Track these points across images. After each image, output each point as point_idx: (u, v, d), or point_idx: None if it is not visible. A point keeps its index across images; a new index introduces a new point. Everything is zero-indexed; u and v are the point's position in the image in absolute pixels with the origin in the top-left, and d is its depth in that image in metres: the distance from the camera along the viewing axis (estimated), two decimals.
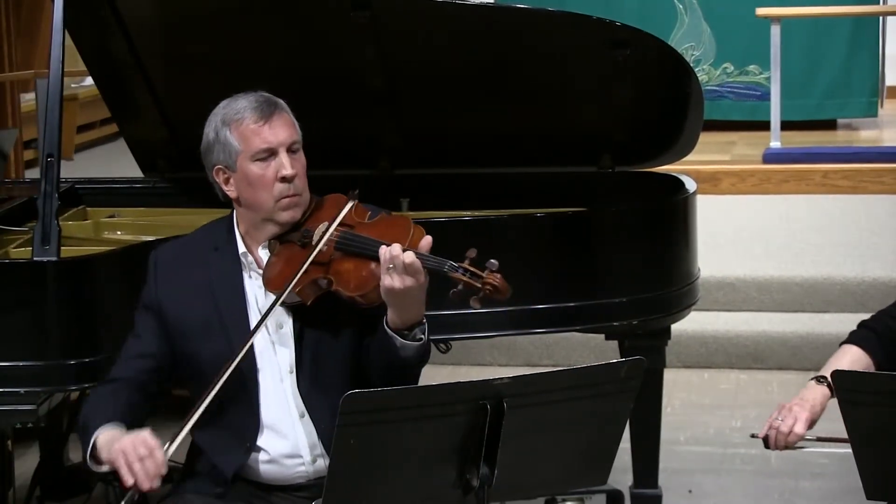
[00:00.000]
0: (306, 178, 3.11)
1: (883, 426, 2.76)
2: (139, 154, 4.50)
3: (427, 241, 2.95)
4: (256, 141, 3.05)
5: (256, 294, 3.10)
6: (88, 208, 4.39)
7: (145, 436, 2.83)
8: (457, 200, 4.34)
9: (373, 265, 2.96)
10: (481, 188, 4.44)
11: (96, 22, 4.08)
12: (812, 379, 3.19)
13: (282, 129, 3.07)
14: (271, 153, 3.05)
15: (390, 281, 2.88)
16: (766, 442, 3.12)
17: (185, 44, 4.23)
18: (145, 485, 2.78)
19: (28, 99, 8.54)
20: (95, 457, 2.90)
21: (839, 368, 2.97)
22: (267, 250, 3.11)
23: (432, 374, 3.03)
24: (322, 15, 4.10)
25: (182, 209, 4.31)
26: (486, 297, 2.90)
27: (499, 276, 2.89)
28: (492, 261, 2.90)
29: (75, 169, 7.88)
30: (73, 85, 9.10)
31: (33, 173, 7.60)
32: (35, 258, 3.52)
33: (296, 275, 2.98)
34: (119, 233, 4.25)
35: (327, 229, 3.03)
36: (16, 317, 3.46)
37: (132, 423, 2.94)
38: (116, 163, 7.07)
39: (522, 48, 4.13)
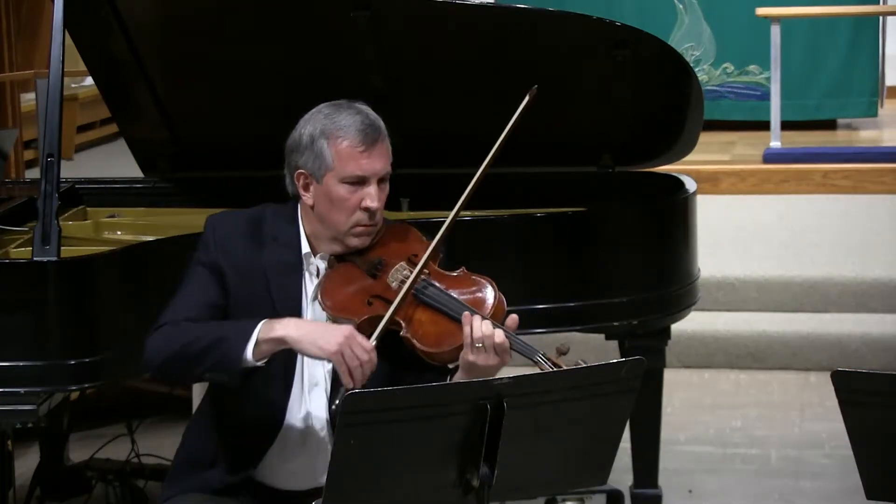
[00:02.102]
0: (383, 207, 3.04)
1: (883, 426, 2.75)
2: (139, 154, 4.50)
3: (514, 320, 2.90)
4: (352, 166, 2.97)
5: (307, 299, 3.04)
6: (88, 208, 4.39)
7: (362, 340, 2.84)
8: (457, 200, 4.33)
9: (453, 326, 2.89)
10: (481, 188, 4.42)
11: (96, 22, 4.08)
12: None
13: (379, 160, 3.00)
14: (362, 181, 2.98)
15: (475, 357, 2.84)
16: None
17: (184, 44, 4.23)
18: (360, 386, 2.82)
19: (28, 99, 8.54)
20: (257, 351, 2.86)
21: None
22: (325, 263, 3.04)
23: None
24: (322, 15, 4.10)
25: (182, 209, 4.31)
26: None
27: None
28: (580, 361, 2.86)
29: (75, 169, 7.88)
30: (73, 85, 9.09)
31: (33, 173, 7.61)
32: (35, 258, 3.51)
33: (370, 315, 2.91)
34: (119, 233, 4.25)
35: (412, 280, 2.93)
36: (16, 317, 3.46)
37: None
38: (116, 163, 7.06)
39: (522, 48, 4.13)
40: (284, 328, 2.86)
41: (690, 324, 5.02)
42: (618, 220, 4.07)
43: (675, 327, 4.22)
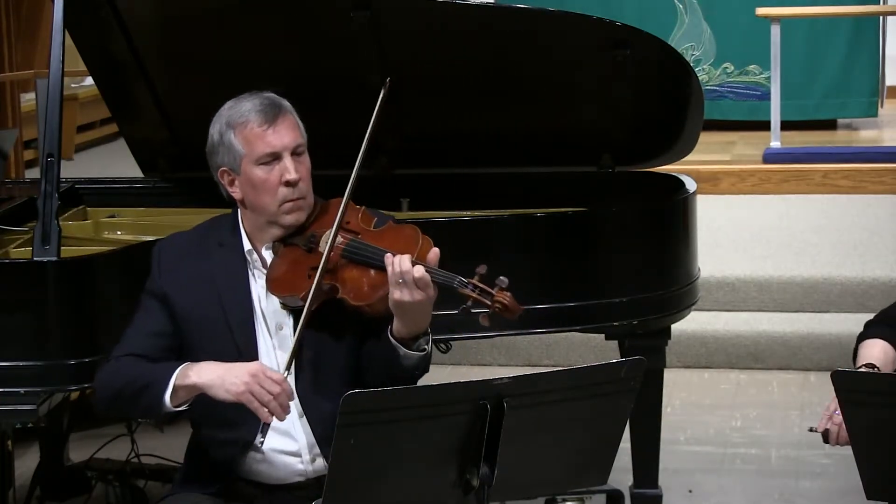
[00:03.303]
0: (310, 181, 3.10)
1: (883, 426, 2.76)
2: (139, 154, 4.50)
3: (435, 253, 2.95)
4: (260, 145, 3.04)
5: (259, 294, 3.10)
6: (88, 208, 4.39)
7: (271, 374, 2.87)
8: (457, 200, 4.34)
9: (380, 275, 2.94)
10: (481, 188, 4.43)
11: (96, 22, 4.08)
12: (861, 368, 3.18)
13: (286, 133, 3.06)
14: (275, 157, 3.05)
15: (399, 294, 2.88)
16: (826, 437, 3.09)
17: (185, 44, 4.23)
18: (283, 418, 2.87)
19: (28, 99, 8.54)
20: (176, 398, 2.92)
21: (868, 360, 2.99)
22: (271, 251, 3.10)
23: (432, 374, 3.04)
24: (322, 15, 4.10)
25: (182, 209, 4.31)
26: (496, 315, 2.89)
27: (509, 294, 2.88)
28: (501, 278, 2.88)
29: (75, 169, 7.88)
30: (73, 85, 9.09)
31: (33, 173, 7.61)
32: (35, 258, 3.52)
33: (310, 286, 2.96)
34: (119, 233, 4.25)
35: (332, 236, 3.01)
36: (16, 317, 3.46)
37: None
38: (116, 163, 7.07)
39: (522, 48, 4.13)
40: (197, 374, 2.93)
41: (690, 324, 5.02)
42: (618, 220, 4.07)
43: (675, 327, 4.21)
